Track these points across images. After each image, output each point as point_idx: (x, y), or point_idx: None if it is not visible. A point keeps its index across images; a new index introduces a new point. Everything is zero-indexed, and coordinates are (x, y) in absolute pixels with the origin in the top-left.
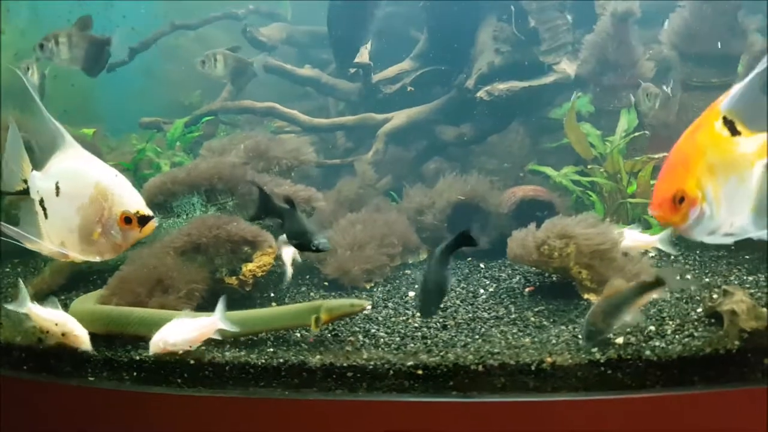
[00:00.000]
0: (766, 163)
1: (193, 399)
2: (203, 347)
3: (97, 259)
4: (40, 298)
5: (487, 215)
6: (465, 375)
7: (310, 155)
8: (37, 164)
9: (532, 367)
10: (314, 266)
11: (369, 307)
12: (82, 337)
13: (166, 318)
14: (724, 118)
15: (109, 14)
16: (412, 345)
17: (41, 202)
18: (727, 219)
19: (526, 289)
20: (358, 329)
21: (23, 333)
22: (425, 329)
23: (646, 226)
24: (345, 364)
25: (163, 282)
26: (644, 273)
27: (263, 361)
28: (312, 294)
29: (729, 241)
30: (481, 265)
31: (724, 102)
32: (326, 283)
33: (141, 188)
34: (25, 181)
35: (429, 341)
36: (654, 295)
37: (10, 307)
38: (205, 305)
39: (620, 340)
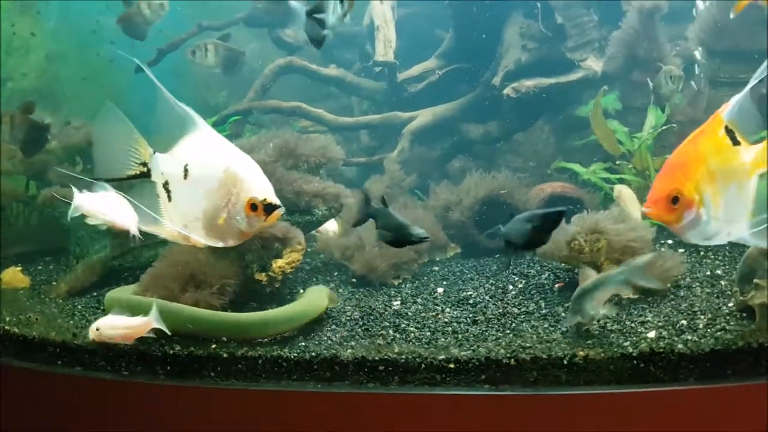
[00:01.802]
0: (762, 172)
1: (226, 392)
2: (235, 341)
3: (220, 244)
4: (73, 294)
5: (515, 212)
6: (497, 369)
7: (338, 153)
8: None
9: (565, 361)
10: (342, 263)
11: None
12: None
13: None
14: (726, 128)
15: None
16: (443, 339)
17: (165, 184)
18: (725, 227)
19: (556, 285)
20: (388, 324)
21: (58, 328)
22: (455, 324)
23: None
24: (377, 358)
25: (196, 278)
26: (675, 269)
27: (295, 354)
28: (340, 290)
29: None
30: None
31: (726, 111)
32: (354, 280)
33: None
34: (144, 164)
35: (460, 336)
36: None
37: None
38: (237, 300)
39: (652, 334)
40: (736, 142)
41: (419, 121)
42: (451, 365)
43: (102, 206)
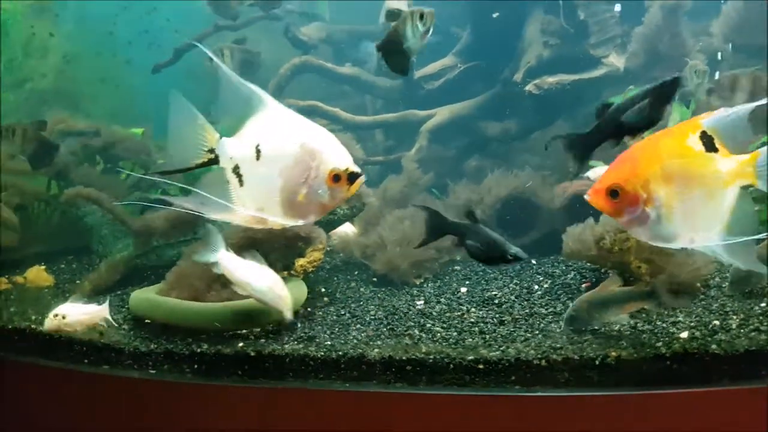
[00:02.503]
0: (743, 184)
1: (254, 390)
2: (263, 339)
3: (300, 222)
4: (97, 293)
5: (537, 211)
6: (527, 370)
7: (357, 152)
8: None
9: (597, 362)
10: (362, 262)
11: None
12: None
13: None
14: (703, 133)
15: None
16: (470, 340)
17: (235, 169)
18: (686, 232)
19: (583, 285)
20: (413, 323)
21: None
22: (482, 324)
23: None
24: (404, 358)
25: (221, 277)
26: (704, 268)
27: (322, 353)
28: (362, 289)
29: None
30: (533, 261)
31: (707, 119)
32: (375, 279)
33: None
34: (211, 151)
35: (487, 336)
36: (644, 305)
37: (198, 257)
38: None
39: (684, 334)
40: (712, 149)
41: (437, 119)
42: (481, 366)
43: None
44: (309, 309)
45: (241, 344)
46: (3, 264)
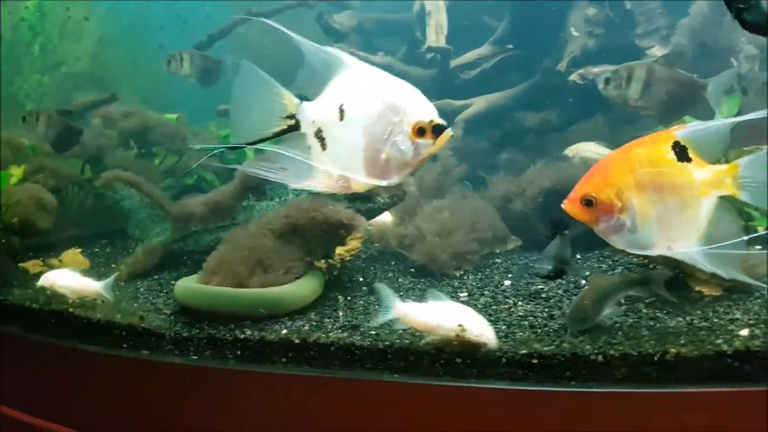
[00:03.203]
0: (721, 194)
1: (299, 378)
2: (306, 326)
3: (383, 183)
4: (134, 277)
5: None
6: (583, 365)
7: None
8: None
9: (655, 358)
10: (399, 252)
11: None
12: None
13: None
14: (676, 143)
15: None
16: (520, 334)
17: (318, 132)
18: (662, 240)
19: None
20: None
21: (122, 311)
22: (531, 318)
23: (749, 219)
24: (454, 350)
25: (263, 262)
26: (761, 265)
27: (368, 343)
28: (400, 280)
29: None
30: (578, 256)
31: (681, 130)
32: (413, 270)
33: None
34: (291, 116)
35: (539, 330)
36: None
37: (377, 321)
38: None
39: (744, 332)
40: (684, 159)
41: (473, 108)
42: (534, 360)
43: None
44: (349, 298)
45: (285, 331)
46: (37, 246)
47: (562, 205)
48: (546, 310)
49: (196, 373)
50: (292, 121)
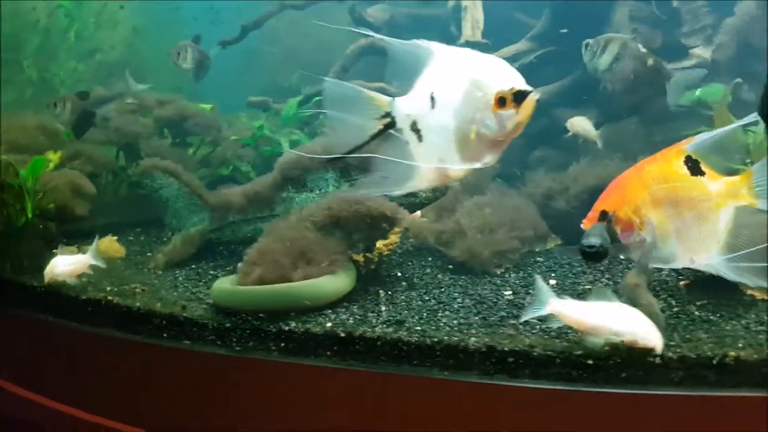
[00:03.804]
0: (737, 205)
1: (344, 372)
2: (350, 320)
3: (477, 165)
4: (171, 266)
5: None
6: (640, 367)
7: None
8: None
9: (714, 361)
10: (435, 248)
11: None
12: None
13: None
14: (688, 158)
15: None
16: (573, 334)
17: (413, 125)
18: (684, 253)
19: (681, 283)
20: (505, 314)
21: (162, 300)
22: None
23: None
24: (506, 349)
25: (305, 254)
26: None
27: (415, 339)
28: (439, 276)
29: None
30: (621, 257)
31: (690, 143)
32: (451, 266)
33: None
34: (386, 115)
35: None
36: None
37: (529, 315)
38: None
39: None
40: (698, 173)
41: None
42: (590, 361)
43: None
44: (389, 292)
45: (329, 324)
46: (72, 233)
47: (581, 225)
48: None
49: (239, 364)
50: (388, 119)
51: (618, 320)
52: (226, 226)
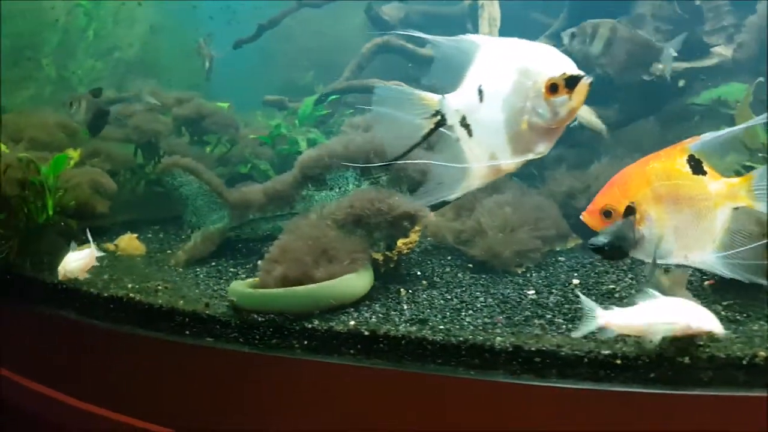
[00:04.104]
0: (735, 206)
1: (368, 371)
2: (373, 318)
3: (529, 156)
4: (191, 263)
5: None
6: (669, 367)
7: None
8: None
9: (744, 361)
10: (453, 247)
11: None
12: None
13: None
14: (691, 156)
15: None
16: (599, 334)
17: (462, 120)
18: (679, 250)
19: (706, 282)
20: (530, 313)
21: (184, 297)
22: None
23: None
24: (533, 348)
25: (327, 253)
26: None
27: (440, 338)
28: (459, 275)
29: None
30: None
31: (694, 143)
32: (471, 265)
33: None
34: (436, 113)
35: None
36: None
37: (581, 332)
38: None
39: None
40: (700, 172)
41: None
42: (618, 361)
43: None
44: (410, 291)
45: (353, 323)
46: (91, 231)
47: (581, 217)
48: None
49: (262, 362)
50: (438, 117)
51: (667, 313)
52: (245, 224)
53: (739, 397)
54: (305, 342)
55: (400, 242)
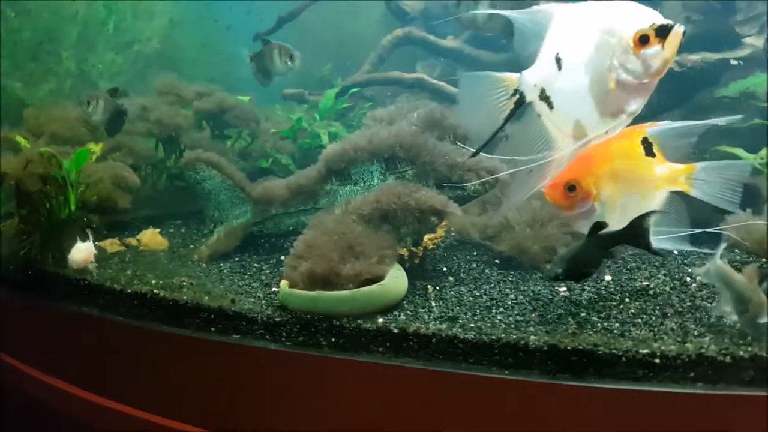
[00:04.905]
0: (673, 190)
1: (398, 369)
2: (401, 316)
3: (623, 117)
4: (214, 259)
5: (678, 196)
6: (710, 366)
7: None
8: None
9: None
10: (479, 243)
11: None
12: None
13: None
14: (644, 139)
15: None
16: (636, 332)
17: (542, 93)
18: (619, 226)
19: None
20: (563, 311)
21: (209, 293)
22: (645, 316)
23: None
24: (569, 348)
25: (354, 249)
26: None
27: (471, 336)
28: (486, 271)
29: None
30: (675, 252)
31: (652, 128)
32: (497, 261)
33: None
34: (515, 92)
35: (655, 329)
36: None
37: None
38: None
39: None
40: (650, 155)
41: None
42: (657, 360)
43: None
44: (437, 288)
45: (381, 320)
46: (112, 225)
47: (543, 190)
48: (658, 307)
49: (288, 360)
50: (517, 96)
51: None
52: (268, 219)
53: None
54: (333, 339)
55: (426, 237)
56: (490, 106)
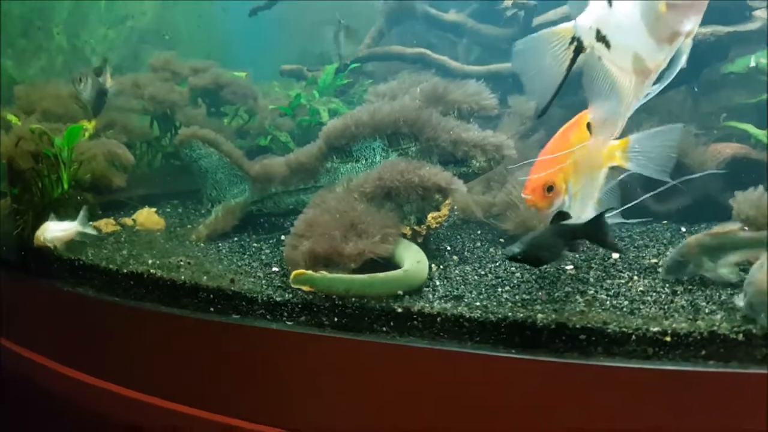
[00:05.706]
0: (612, 165)
1: (403, 349)
2: (406, 294)
3: (680, 39)
4: (213, 238)
5: (688, 173)
6: (722, 344)
7: (492, 101)
8: None
9: None
10: (484, 221)
11: None
12: None
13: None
14: (588, 124)
15: None
16: (645, 310)
17: (598, 35)
18: (579, 211)
19: None
20: (570, 289)
21: (207, 273)
22: (654, 294)
23: None
24: (578, 326)
25: (356, 227)
26: None
27: (477, 315)
28: (491, 250)
29: None
30: (683, 229)
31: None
32: (502, 240)
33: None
34: (572, 40)
35: (665, 306)
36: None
37: None
38: None
39: None
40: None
41: None
42: (667, 338)
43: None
44: (441, 267)
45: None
46: (107, 205)
47: (524, 196)
48: (667, 285)
49: (290, 339)
50: (575, 43)
51: None
52: (267, 198)
53: None
54: (335, 319)
55: (430, 216)
56: (550, 61)
